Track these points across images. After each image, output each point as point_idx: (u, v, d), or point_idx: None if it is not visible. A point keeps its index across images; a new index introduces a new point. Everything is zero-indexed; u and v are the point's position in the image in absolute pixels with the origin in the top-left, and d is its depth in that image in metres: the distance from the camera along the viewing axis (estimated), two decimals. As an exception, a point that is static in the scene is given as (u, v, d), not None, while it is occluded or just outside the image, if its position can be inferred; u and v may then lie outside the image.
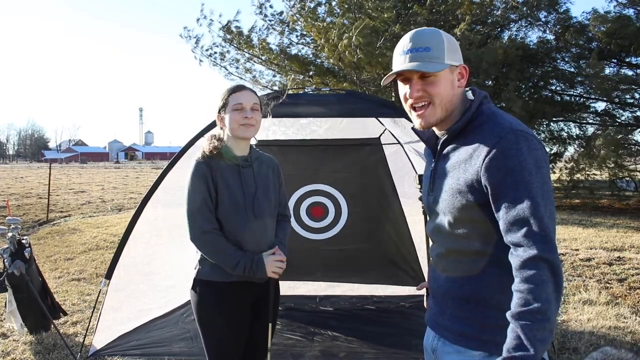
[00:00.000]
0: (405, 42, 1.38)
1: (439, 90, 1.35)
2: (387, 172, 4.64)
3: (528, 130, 1.27)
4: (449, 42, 1.37)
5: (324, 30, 10.67)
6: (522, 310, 1.15)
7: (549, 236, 1.18)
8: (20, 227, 3.98)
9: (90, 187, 20.27)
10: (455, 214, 1.34)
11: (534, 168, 1.21)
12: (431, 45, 1.34)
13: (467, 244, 1.34)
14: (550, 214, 1.20)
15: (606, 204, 12.40)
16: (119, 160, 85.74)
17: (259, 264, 2.03)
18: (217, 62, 13.25)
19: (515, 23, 12.43)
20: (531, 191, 1.19)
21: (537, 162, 1.22)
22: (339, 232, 4.66)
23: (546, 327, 1.14)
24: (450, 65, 1.35)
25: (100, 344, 3.47)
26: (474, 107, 1.35)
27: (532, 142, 1.23)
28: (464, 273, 1.35)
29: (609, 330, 3.88)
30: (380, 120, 4.25)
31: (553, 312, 1.15)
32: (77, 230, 9.13)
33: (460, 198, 1.32)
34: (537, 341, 1.13)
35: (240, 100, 2.05)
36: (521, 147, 1.22)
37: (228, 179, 2.05)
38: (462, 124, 1.35)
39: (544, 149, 1.26)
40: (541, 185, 1.21)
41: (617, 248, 7.07)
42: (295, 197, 4.67)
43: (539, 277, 1.15)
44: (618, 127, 11.22)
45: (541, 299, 1.14)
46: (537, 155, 1.22)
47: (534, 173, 1.20)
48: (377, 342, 3.60)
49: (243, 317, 2.11)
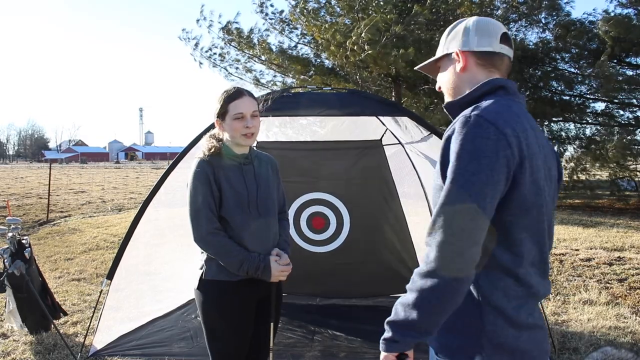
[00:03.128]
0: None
1: (441, 77, 1.44)
2: (389, 175, 4.61)
3: (491, 117, 1.16)
4: (449, 31, 1.42)
5: (326, 30, 10.66)
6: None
7: (445, 229, 1.12)
8: (20, 227, 3.97)
9: (91, 187, 20.27)
10: (432, 198, 1.32)
11: (466, 156, 1.12)
12: (441, 39, 1.44)
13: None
14: (461, 208, 1.11)
15: (606, 204, 12.40)
16: (119, 161, 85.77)
17: (265, 268, 2.04)
18: (217, 64, 13.25)
19: (515, 23, 12.43)
20: (453, 177, 1.13)
21: (475, 152, 1.12)
22: (340, 245, 4.55)
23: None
24: (445, 54, 1.41)
25: (100, 344, 3.47)
26: (470, 93, 1.32)
27: (482, 128, 1.14)
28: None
29: (609, 330, 3.88)
30: (382, 119, 4.25)
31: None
32: (77, 230, 9.13)
33: (434, 179, 1.28)
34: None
35: (240, 110, 2.04)
36: (465, 131, 1.14)
37: (231, 177, 2.05)
38: (453, 103, 1.36)
39: (501, 140, 1.13)
40: (468, 176, 1.11)
41: (617, 248, 7.07)
42: (295, 206, 4.58)
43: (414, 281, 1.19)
44: (620, 128, 11.23)
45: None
46: (480, 143, 1.12)
47: (463, 161, 1.12)
48: (377, 342, 3.57)
49: (248, 316, 2.11)
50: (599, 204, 12.24)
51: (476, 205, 1.11)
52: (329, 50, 10.70)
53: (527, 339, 1.22)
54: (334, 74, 12.15)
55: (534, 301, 1.26)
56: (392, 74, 10.97)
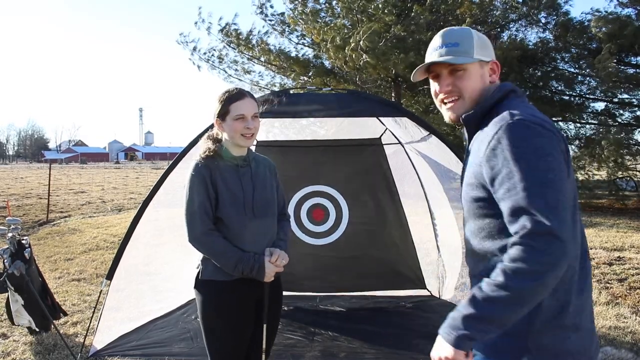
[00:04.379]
0: (435, 41, 1.41)
1: (468, 84, 1.36)
2: (389, 173, 4.63)
3: (536, 119, 1.20)
4: (479, 38, 1.39)
5: (326, 32, 10.66)
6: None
7: (544, 227, 1.09)
8: (20, 227, 3.97)
9: (90, 188, 20.27)
10: (467, 207, 1.33)
11: (532, 157, 1.14)
12: (459, 41, 1.36)
13: (480, 242, 1.29)
14: (554, 202, 1.10)
15: (606, 204, 12.40)
16: (119, 161, 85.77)
17: (259, 268, 2.04)
18: (216, 65, 13.22)
19: (515, 23, 12.43)
20: (527, 181, 1.12)
21: (537, 151, 1.14)
22: (340, 237, 4.59)
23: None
24: (479, 60, 1.37)
25: (100, 344, 3.47)
26: (490, 99, 1.34)
27: (535, 130, 1.17)
28: (483, 275, 1.26)
29: (609, 330, 3.88)
30: (381, 119, 4.25)
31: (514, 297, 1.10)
32: (77, 230, 9.13)
33: (470, 191, 1.30)
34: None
35: (242, 111, 2.04)
36: (519, 135, 1.17)
37: (227, 178, 2.06)
38: (474, 114, 1.35)
39: (554, 137, 1.18)
40: (541, 174, 1.12)
41: (617, 248, 7.07)
42: (296, 199, 4.63)
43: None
44: (619, 127, 11.23)
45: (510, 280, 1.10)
46: (539, 143, 1.15)
47: (532, 162, 1.13)
48: (377, 342, 3.59)
49: (247, 316, 2.11)
50: (598, 204, 12.23)
51: (563, 201, 1.12)
52: (328, 53, 10.71)
53: (574, 341, 1.21)
54: (334, 74, 12.15)
55: (583, 302, 1.24)
56: (392, 75, 10.97)
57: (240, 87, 2.15)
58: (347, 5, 10.57)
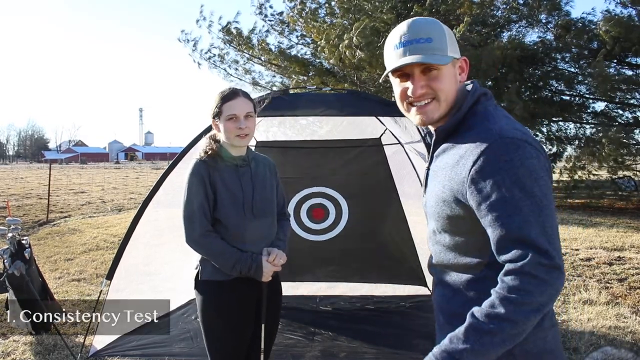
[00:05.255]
0: (400, 33, 1.21)
1: (444, 86, 1.22)
2: (388, 173, 4.64)
3: (522, 135, 1.13)
4: (449, 33, 1.24)
5: (323, 31, 10.67)
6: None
7: (547, 253, 1.07)
8: (20, 227, 3.98)
9: (90, 188, 20.27)
10: (440, 222, 1.25)
11: (527, 181, 1.08)
12: (432, 35, 1.20)
13: (453, 256, 1.25)
14: (550, 230, 1.08)
15: (606, 203, 12.40)
16: (119, 161, 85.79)
17: (257, 268, 2.04)
18: (217, 65, 13.25)
19: (515, 23, 12.43)
20: (522, 209, 1.07)
21: (532, 174, 1.08)
22: (340, 232, 4.65)
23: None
24: (453, 58, 1.22)
25: (100, 345, 3.47)
26: (465, 108, 1.23)
27: (525, 150, 1.10)
28: (455, 287, 1.25)
29: (609, 330, 3.88)
30: (381, 119, 4.25)
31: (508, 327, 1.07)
32: (77, 230, 9.13)
33: (444, 207, 1.21)
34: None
35: (234, 111, 2.02)
36: (511, 157, 1.09)
37: (226, 179, 2.06)
38: (449, 125, 1.24)
39: (541, 156, 1.12)
40: (537, 201, 1.07)
41: (617, 248, 7.07)
42: (295, 200, 4.64)
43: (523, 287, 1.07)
44: (618, 127, 11.23)
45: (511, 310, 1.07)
46: (532, 165, 1.09)
47: (527, 187, 1.07)
48: (377, 342, 3.59)
49: (246, 316, 2.11)
50: (599, 204, 12.23)
51: (556, 226, 1.10)
52: (324, 51, 10.72)
53: (551, 339, 1.22)
54: (333, 74, 12.15)
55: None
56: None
57: (234, 87, 2.14)
58: (344, 4, 10.58)
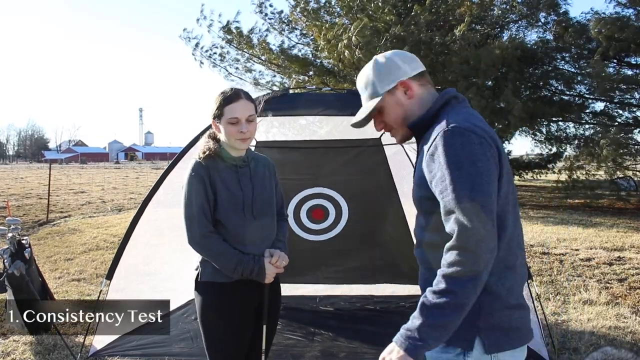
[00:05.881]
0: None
1: (390, 117, 1.50)
2: (388, 173, 4.63)
3: (470, 126, 1.31)
4: (377, 71, 1.48)
5: (324, 30, 10.67)
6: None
7: (471, 230, 1.21)
8: (20, 227, 3.98)
9: (90, 188, 20.27)
10: (416, 204, 1.48)
11: (465, 162, 1.25)
12: (365, 86, 1.52)
13: (427, 235, 1.42)
14: (481, 205, 1.22)
15: (606, 204, 12.40)
16: (119, 161, 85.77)
17: (259, 270, 2.03)
18: (217, 63, 13.27)
19: (514, 23, 12.43)
20: (456, 184, 1.24)
21: (470, 157, 1.26)
22: (340, 233, 4.64)
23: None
24: (386, 92, 1.47)
25: (100, 344, 3.47)
26: (434, 108, 1.44)
27: (469, 137, 1.28)
28: (428, 265, 1.41)
29: (609, 330, 3.88)
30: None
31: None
32: (77, 230, 9.13)
33: (417, 190, 1.44)
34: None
35: (235, 115, 1.99)
36: (454, 142, 1.28)
37: (226, 179, 2.04)
38: (417, 121, 1.47)
39: (484, 142, 1.29)
40: (470, 178, 1.24)
41: (617, 248, 7.07)
42: (295, 200, 4.62)
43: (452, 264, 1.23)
44: (618, 127, 11.23)
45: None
46: (472, 149, 1.27)
47: (464, 168, 1.25)
48: (377, 342, 3.57)
49: (247, 317, 2.10)
50: (598, 204, 12.23)
51: (489, 204, 1.24)
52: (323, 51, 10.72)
53: (518, 318, 1.36)
54: (333, 74, 12.15)
55: (521, 283, 1.41)
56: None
57: (237, 88, 2.10)
58: (346, 4, 10.58)
